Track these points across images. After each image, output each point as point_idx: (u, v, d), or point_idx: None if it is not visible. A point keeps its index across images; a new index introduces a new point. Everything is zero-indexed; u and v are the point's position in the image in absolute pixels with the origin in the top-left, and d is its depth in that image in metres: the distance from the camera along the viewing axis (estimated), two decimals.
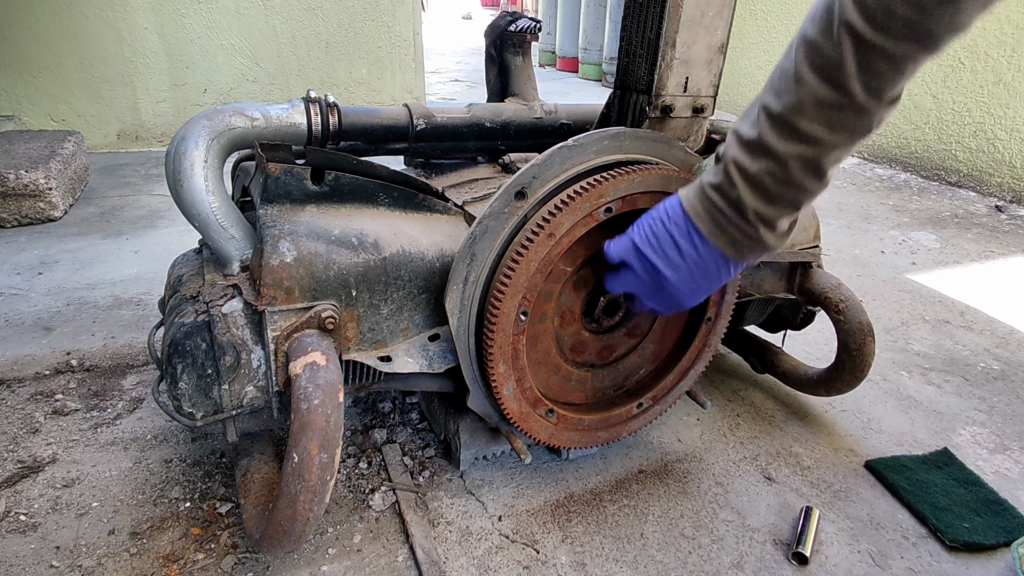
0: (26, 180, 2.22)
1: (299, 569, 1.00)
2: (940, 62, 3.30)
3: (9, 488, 1.13)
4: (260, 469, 1.06)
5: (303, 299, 0.92)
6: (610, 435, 1.16)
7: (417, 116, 1.28)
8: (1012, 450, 1.36)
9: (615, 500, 1.17)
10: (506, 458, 1.25)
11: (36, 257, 2.05)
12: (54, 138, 2.61)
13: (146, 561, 1.00)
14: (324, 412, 0.83)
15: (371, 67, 3.80)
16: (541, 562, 1.04)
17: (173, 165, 0.96)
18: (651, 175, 0.96)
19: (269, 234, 0.91)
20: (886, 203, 3.05)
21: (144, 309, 1.76)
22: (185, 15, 3.28)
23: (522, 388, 1.02)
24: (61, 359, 1.51)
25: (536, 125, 1.41)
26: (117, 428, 1.30)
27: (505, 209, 0.95)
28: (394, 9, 3.73)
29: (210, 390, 0.93)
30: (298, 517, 0.84)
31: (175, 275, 1.07)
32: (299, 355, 0.87)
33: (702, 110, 1.13)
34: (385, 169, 1.06)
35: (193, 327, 0.90)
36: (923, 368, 1.67)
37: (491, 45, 1.58)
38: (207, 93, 3.47)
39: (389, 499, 1.14)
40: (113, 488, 1.14)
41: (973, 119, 3.19)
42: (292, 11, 3.51)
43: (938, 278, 2.23)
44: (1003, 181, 3.08)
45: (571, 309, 1.07)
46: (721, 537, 1.11)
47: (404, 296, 1.01)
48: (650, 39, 1.06)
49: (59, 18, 3.07)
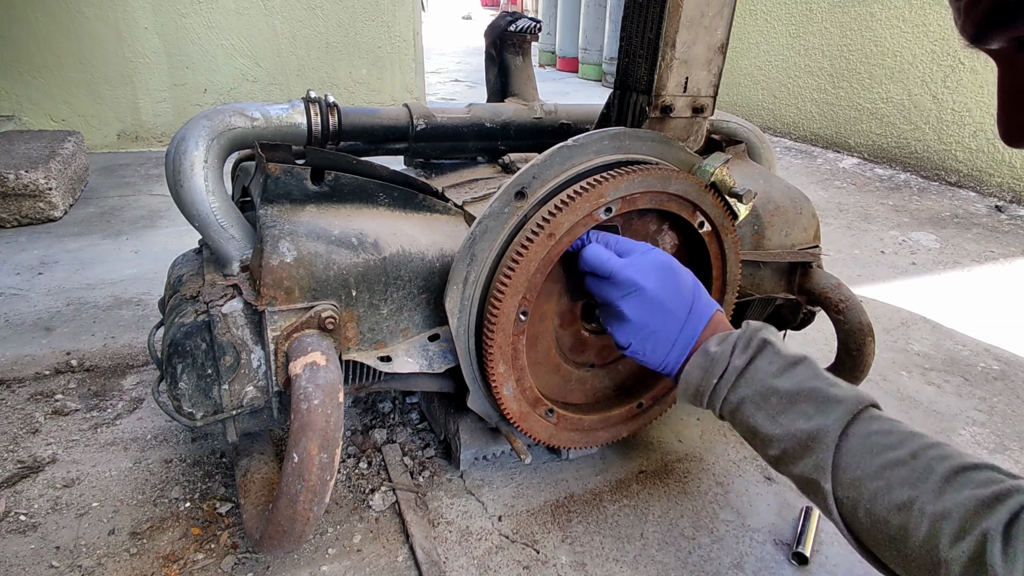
0: (26, 180, 2.22)
1: (299, 569, 1.00)
2: (940, 62, 3.30)
3: (9, 488, 1.13)
4: (260, 469, 1.06)
5: (303, 299, 0.92)
6: (610, 435, 1.16)
7: (417, 116, 1.28)
8: (1012, 450, 1.36)
9: (615, 500, 1.17)
10: (506, 458, 1.25)
11: (36, 257, 2.05)
12: (54, 138, 2.61)
13: (146, 561, 1.00)
14: (324, 412, 0.83)
15: (371, 67, 3.80)
16: (541, 562, 1.04)
17: (173, 165, 0.96)
18: (651, 175, 0.96)
19: (269, 234, 0.91)
20: (886, 203, 3.05)
21: (144, 309, 1.76)
22: (185, 15, 3.28)
23: (522, 388, 1.02)
24: (61, 359, 1.51)
25: (536, 125, 1.41)
26: (117, 428, 1.30)
27: (505, 209, 0.95)
28: (394, 9, 3.73)
29: (210, 390, 0.93)
30: (298, 517, 0.84)
31: (175, 275, 1.07)
32: (299, 355, 0.87)
33: (702, 110, 1.13)
34: (385, 169, 1.06)
35: (193, 327, 0.90)
36: (923, 368, 1.67)
37: (491, 45, 1.58)
38: (207, 93, 3.47)
39: (389, 499, 1.13)
40: (113, 488, 1.14)
41: (973, 119, 3.19)
42: (292, 11, 3.51)
43: (938, 278, 2.23)
44: (1003, 181, 3.08)
45: (571, 309, 1.07)
46: (721, 537, 1.11)
47: (404, 296, 1.01)
48: (650, 39, 1.06)
49: (59, 18, 3.07)
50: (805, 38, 4.06)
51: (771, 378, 0.80)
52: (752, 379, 0.81)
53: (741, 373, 0.83)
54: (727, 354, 0.84)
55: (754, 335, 0.85)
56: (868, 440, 0.70)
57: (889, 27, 3.53)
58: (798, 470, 0.74)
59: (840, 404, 0.74)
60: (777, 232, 1.26)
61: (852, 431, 0.71)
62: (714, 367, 0.84)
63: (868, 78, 3.68)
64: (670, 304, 0.89)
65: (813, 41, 4.00)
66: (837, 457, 0.71)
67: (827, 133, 3.99)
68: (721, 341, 0.86)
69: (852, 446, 0.70)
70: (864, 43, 3.68)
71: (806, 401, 0.76)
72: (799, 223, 1.28)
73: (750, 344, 0.84)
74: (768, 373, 0.80)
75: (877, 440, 0.69)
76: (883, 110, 3.62)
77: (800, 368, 0.80)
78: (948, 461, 0.64)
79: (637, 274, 0.89)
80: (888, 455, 0.67)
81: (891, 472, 0.66)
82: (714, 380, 0.84)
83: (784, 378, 0.79)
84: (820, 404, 0.75)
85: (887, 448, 0.68)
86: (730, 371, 0.83)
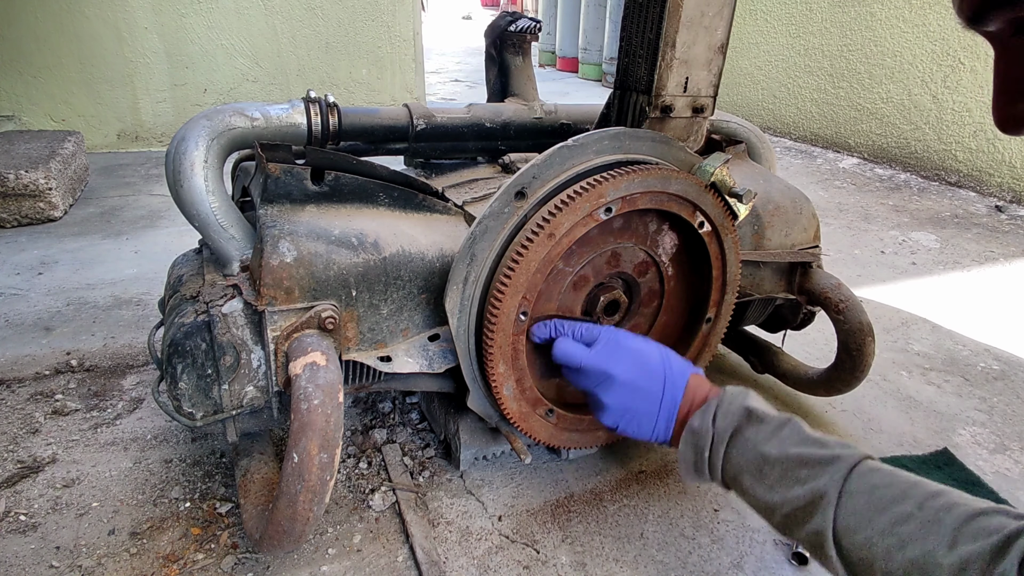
0: (26, 180, 2.22)
1: (299, 569, 1.00)
2: (940, 62, 3.30)
3: (9, 488, 1.13)
4: (260, 469, 1.06)
5: (303, 299, 0.92)
6: (610, 435, 1.16)
7: (417, 116, 1.28)
8: (1012, 450, 1.36)
9: (615, 500, 1.17)
10: (506, 458, 1.25)
11: (36, 257, 2.05)
12: (54, 138, 2.61)
13: (146, 561, 1.00)
14: (324, 412, 0.83)
15: (371, 67, 3.80)
16: (541, 562, 1.04)
17: (173, 165, 0.96)
18: (651, 175, 0.96)
19: (269, 234, 0.91)
20: (886, 203, 3.05)
21: (144, 309, 1.76)
22: (185, 15, 3.28)
23: (522, 388, 1.02)
24: (61, 359, 1.51)
25: (536, 125, 1.41)
26: (117, 428, 1.30)
27: (505, 209, 0.95)
28: (394, 9, 3.73)
29: (210, 390, 0.93)
30: (298, 517, 0.84)
31: (175, 275, 1.07)
32: (299, 355, 0.87)
33: (702, 110, 1.13)
34: (385, 169, 1.06)
35: (193, 327, 0.90)
36: (923, 368, 1.67)
37: (491, 45, 1.58)
38: (207, 93, 3.47)
39: (389, 499, 1.13)
40: (113, 488, 1.14)
41: (973, 119, 3.19)
42: (292, 11, 3.51)
43: (938, 278, 2.23)
44: (1003, 181, 3.08)
45: (571, 309, 1.07)
46: (721, 537, 1.11)
47: (404, 296, 1.01)
48: (650, 39, 1.06)
49: (59, 18, 3.07)
50: (805, 38, 4.06)
51: (760, 446, 0.81)
52: (742, 448, 0.83)
53: (729, 442, 0.84)
54: (709, 426, 0.86)
55: (733, 401, 0.87)
56: (872, 496, 0.70)
57: (889, 27, 3.53)
58: (803, 535, 0.75)
59: (832, 463, 0.75)
60: (777, 232, 1.26)
61: (849, 489, 0.71)
62: (701, 441, 0.87)
63: (868, 78, 3.68)
64: (643, 384, 0.93)
65: (813, 41, 4.00)
66: (838, 519, 0.71)
67: (827, 133, 3.99)
68: (703, 414, 0.88)
69: (853, 506, 0.70)
70: (864, 43, 3.68)
71: (799, 465, 0.77)
72: (799, 223, 1.28)
73: (729, 411, 0.86)
74: (756, 442, 0.82)
75: (880, 494, 0.69)
76: (883, 110, 3.62)
77: (787, 431, 0.81)
78: (955, 510, 0.64)
79: (605, 364, 0.94)
80: (895, 509, 0.67)
81: (901, 528, 0.66)
82: (706, 454, 0.86)
83: (773, 444, 0.80)
84: (813, 466, 0.76)
85: (892, 502, 0.68)
86: (716, 442, 0.85)
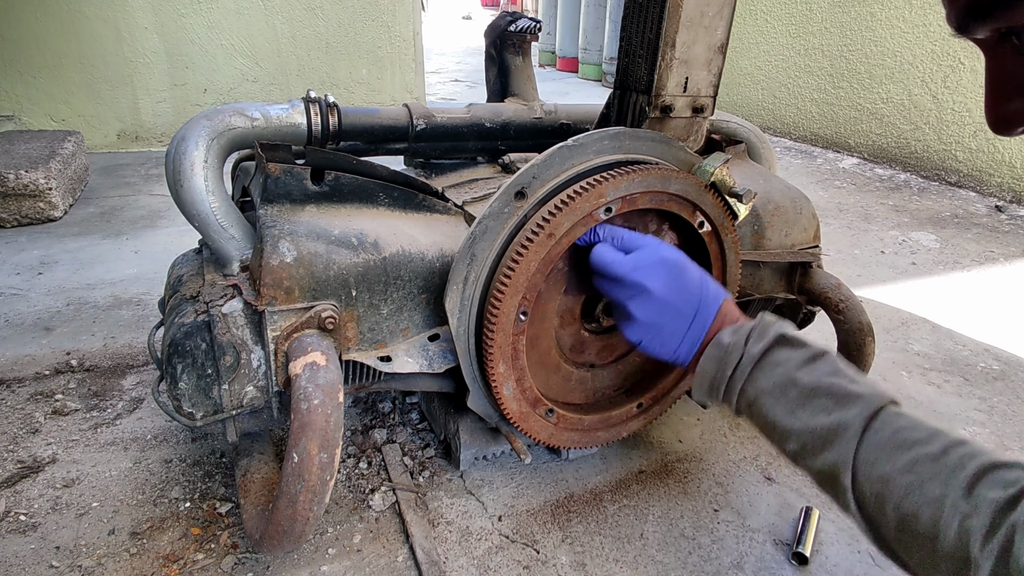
0: (26, 180, 2.22)
1: (299, 569, 1.00)
2: (940, 62, 3.30)
3: (9, 488, 1.13)
4: (260, 469, 1.06)
5: (303, 299, 0.92)
6: (610, 435, 1.16)
7: (417, 116, 1.28)
8: (1012, 450, 1.36)
9: (615, 500, 1.17)
10: (506, 458, 1.25)
11: (36, 257, 2.05)
12: (54, 138, 2.61)
13: (146, 561, 1.00)
14: (324, 412, 0.83)
15: (371, 67, 3.80)
16: (541, 562, 1.04)
17: (173, 165, 0.96)
18: (651, 175, 0.96)
19: (269, 234, 0.91)
20: (886, 203, 3.05)
21: (144, 309, 1.76)
22: (185, 15, 3.28)
23: (522, 388, 1.02)
24: (61, 359, 1.51)
25: (536, 125, 1.41)
26: (117, 428, 1.30)
27: (505, 209, 0.95)
28: (394, 9, 3.73)
29: (210, 390, 0.93)
30: (298, 517, 0.84)
31: (175, 275, 1.07)
32: (299, 355, 0.87)
33: (702, 110, 1.13)
34: (385, 169, 1.06)
35: (193, 327, 0.90)
36: (923, 368, 1.67)
37: (491, 45, 1.58)
38: (207, 93, 3.47)
39: (389, 499, 1.13)
40: (113, 488, 1.14)
41: (973, 119, 3.19)
42: (292, 11, 3.51)
43: (938, 278, 2.23)
44: (1003, 181, 3.08)
45: (571, 309, 1.07)
46: (721, 537, 1.11)
47: (404, 296, 1.01)
48: (650, 39, 1.06)
49: (59, 18, 3.06)
50: (805, 38, 4.06)
51: (791, 370, 0.78)
52: (771, 371, 0.80)
53: (757, 363, 0.81)
54: (741, 343, 0.83)
55: (768, 327, 0.83)
56: (896, 436, 0.69)
57: (889, 27, 3.53)
58: (817, 465, 0.73)
59: (861, 400, 0.73)
60: (777, 232, 1.26)
61: (875, 426, 0.70)
62: (728, 358, 0.83)
63: (868, 78, 3.68)
64: (677, 303, 0.89)
65: (813, 41, 4.00)
66: (859, 452, 0.70)
67: (827, 133, 3.99)
68: (735, 332, 0.85)
69: (877, 441, 0.69)
70: (864, 43, 3.68)
71: (827, 396, 0.75)
72: (799, 223, 1.28)
73: (765, 334, 0.82)
74: (787, 366, 0.79)
75: (905, 436, 0.68)
76: (883, 110, 3.62)
77: (821, 362, 0.79)
78: (978, 459, 0.63)
79: (643, 276, 0.89)
80: (917, 450, 0.66)
81: (922, 467, 0.65)
82: (729, 371, 0.83)
83: (804, 371, 0.78)
84: (841, 399, 0.74)
85: (916, 443, 0.67)
86: (745, 360, 0.82)
